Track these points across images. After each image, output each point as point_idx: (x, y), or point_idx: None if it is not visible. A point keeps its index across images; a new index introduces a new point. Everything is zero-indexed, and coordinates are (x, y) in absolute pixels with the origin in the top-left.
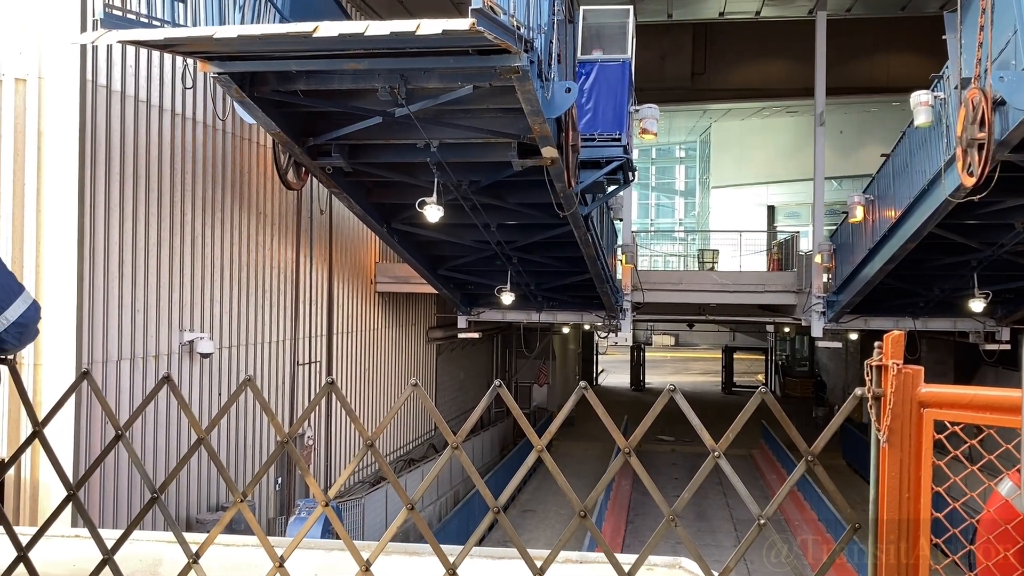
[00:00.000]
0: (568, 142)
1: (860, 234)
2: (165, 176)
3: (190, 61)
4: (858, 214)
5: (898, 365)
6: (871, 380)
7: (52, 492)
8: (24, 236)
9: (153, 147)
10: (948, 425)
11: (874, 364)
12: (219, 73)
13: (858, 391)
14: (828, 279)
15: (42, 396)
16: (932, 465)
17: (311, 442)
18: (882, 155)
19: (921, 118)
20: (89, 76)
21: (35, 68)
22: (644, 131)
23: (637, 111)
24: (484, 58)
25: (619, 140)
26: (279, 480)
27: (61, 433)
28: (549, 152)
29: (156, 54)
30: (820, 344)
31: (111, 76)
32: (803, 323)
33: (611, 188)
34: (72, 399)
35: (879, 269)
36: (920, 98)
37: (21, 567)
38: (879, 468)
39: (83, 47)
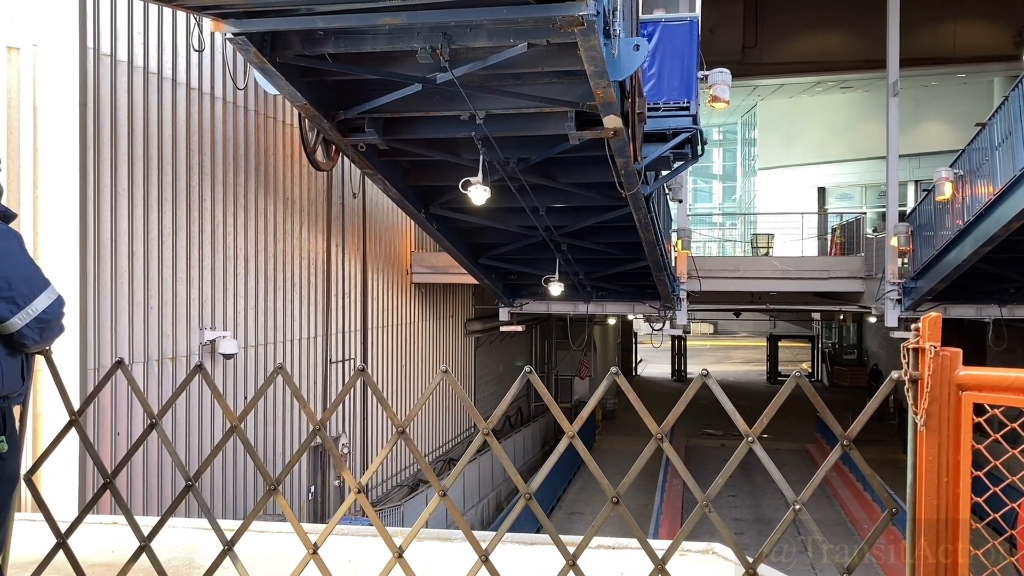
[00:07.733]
0: (634, 110)
1: (946, 214)
2: (180, 157)
3: (206, 21)
4: (946, 191)
5: (936, 347)
6: (908, 363)
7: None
8: (20, 224)
9: (166, 124)
10: (988, 408)
11: (911, 347)
12: (235, 34)
13: (895, 374)
14: (904, 264)
15: (41, 407)
16: (971, 448)
17: (346, 450)
18: (976, 124)
19: None
20: (90, 43)
21: (29, 35)
22: (715, 99)
23: (706, 77)
24: (543, 7)
25: (687, 109)
26: (311, 489)
27: (71, 432)
28: (612, 122)
29: (167, 18)
30: (895, 335)
31: (116, 44)
32: (874, 312)
33: (676, 164)
34: (77, 395)
35: (972, 252)
36: None
37: (60, 554)
38: (917, 452)
39: (82, 9)
